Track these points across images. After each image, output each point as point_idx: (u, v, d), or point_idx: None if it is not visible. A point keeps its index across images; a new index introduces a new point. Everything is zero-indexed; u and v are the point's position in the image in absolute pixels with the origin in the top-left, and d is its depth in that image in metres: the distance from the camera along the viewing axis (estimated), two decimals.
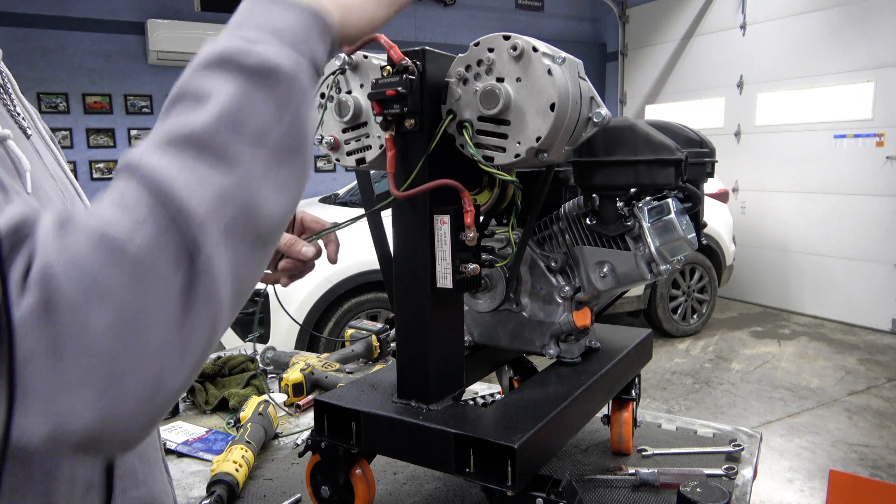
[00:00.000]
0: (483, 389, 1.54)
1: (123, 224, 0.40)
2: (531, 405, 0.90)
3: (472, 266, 0.87)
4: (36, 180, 0.58)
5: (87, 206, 0.70)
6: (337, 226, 0.98)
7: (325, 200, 4.92)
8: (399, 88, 0.80)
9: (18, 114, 0.66)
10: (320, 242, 0.97)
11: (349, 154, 0.94)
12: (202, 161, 0.43)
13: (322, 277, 3.53)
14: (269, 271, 0.97)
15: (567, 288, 1.05)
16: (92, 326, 0.38)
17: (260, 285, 0.66)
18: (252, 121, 0.46)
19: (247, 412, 1.34)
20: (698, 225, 1.18)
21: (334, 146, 0.94)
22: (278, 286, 0.97)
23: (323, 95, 0.92)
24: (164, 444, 1.29)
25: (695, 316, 5.49)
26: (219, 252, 0.43)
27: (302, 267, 0.95)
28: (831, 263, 6.02)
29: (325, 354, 1.70)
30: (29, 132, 0.66)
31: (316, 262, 0.95)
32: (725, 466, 1.13)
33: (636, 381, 1.22)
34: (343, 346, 1.83)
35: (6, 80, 0.68)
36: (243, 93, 0.46)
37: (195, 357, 0.43)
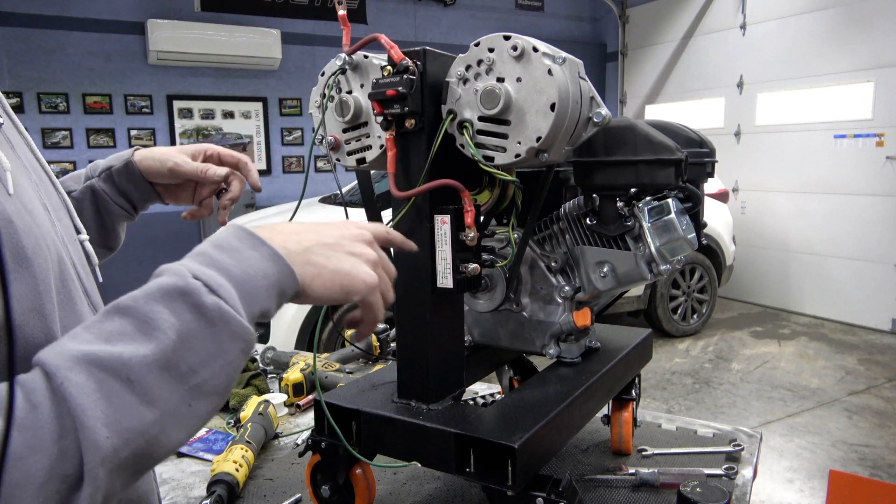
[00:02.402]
0: (483, 389, 1.54)
1: (25, 440, 0.39)
2: (531, 405, 0.90)
3: (472, 266, 0.87)
4: (15, 178, 0.55)
5: (62, 193, 0.68)
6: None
7: (325, 200, 4.92)
8: (399, 88, 0.80)
9: None
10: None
11: (350, 154, 0.94)
12: (126, 394, 0.43)
13: None
14: (193, 207, 0.97)
15: (567, 288, 1.05)
16: None
17: None
18: (188, 358, 0.46)
19: (247, 412, 1.34)
20: (698, 225, 1.18)
21: (334, 146, 0.94)
22: None
23: (323, 95, 0.92)
24: None
25: (695, 316, 5.49)
26: (102, 483, 0.42)
27: (214, 189, 0.95)
28: (831, 263, 6.02)
29: (326, 354, 1.70)
30: (0, 120, 0.62)
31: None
32: (725, 466, 1.13)
33: (636, 381, 1.22)
34: (343, 346, 1.83)
35: None
36: (188, 331, 0.46)
37: None
